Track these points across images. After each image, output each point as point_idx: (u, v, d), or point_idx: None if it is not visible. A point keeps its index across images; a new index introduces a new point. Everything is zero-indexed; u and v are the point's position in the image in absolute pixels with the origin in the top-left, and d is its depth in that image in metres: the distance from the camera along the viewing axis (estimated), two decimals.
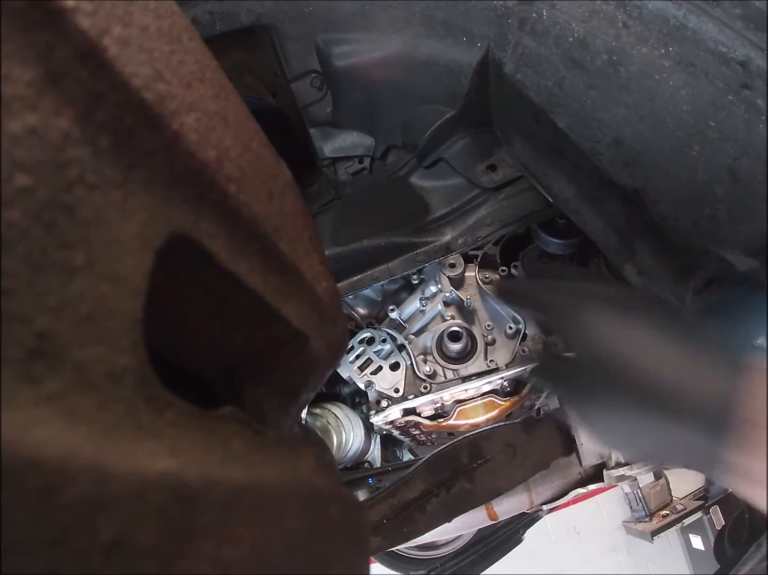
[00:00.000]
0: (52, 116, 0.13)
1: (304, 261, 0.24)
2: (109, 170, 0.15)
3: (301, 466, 0.24)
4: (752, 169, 0.37)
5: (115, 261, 0.14)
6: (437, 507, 0.77)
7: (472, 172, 0.63)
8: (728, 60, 0.37)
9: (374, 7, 0.52)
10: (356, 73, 0.57)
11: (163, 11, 0.18)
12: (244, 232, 0.20)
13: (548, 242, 0.75)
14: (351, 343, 0.98)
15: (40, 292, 0.12)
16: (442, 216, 0.68)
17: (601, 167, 0.45)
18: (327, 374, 0.30)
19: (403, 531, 0.77)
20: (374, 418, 0.97)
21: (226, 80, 0.21)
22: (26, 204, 0.12)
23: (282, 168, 0.25)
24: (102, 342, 0.14)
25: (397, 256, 0.69)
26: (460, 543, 1.44)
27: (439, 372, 0.95)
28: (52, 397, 0.12)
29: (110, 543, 0.12)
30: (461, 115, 0.57)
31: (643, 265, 0.49)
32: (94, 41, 0.14)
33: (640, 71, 0.40)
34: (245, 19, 0.57)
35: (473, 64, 0.50)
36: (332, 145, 0.70)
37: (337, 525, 0.24)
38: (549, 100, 0.45)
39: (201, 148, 0.17)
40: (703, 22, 0.38)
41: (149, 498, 0.13)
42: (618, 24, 0.41)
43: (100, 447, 0.12)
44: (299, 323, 0.24)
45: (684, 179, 0.40)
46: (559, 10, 0.43)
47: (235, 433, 0.19)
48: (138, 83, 0.15)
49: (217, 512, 0.15)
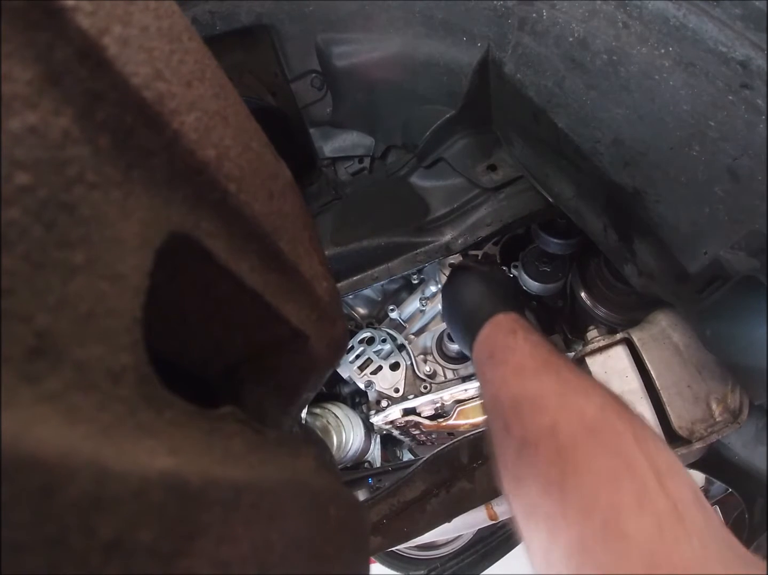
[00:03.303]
0: (52, 115, 0.13)
1: (304, 261, 0.24)
2: (109, 169, 0.15)
3: (301, 466, 0.24)
4: (752, 169, 0.37)
5: (114, 260, 0.14)
6: (437, 507, 0.77)
7: (472, 172, 0.63)
8: (728, 60, 0.37)
9: (374, 7, 0.52)
10: (356, 73, 0.57)
11: (163, 11, 0.18)
12: (244, 232, 0.20)
13: (548, 242, 0.75)
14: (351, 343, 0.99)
15: (39, 291, 0.12)
16: (442, 216, 0.68)
17: (601, 167, 0.45)
18: (327, 374, 0.30)
19: (403, 531, 0.77)
20: (374, 418, 0.97)
21: (226, 80, 0.21)
22: (26, 202, 0.12)
23: (282, 168, 0.25)
24: (102, 341, 0.14)
25: (397, 256, 0.69)
26: (460, 543, 1.44)
27: (439, 372, 0.96)
28: (51, 396, 0.12)
29: (110, 542, 0.12)
30: (461, 115, 0.57)
31: (643, 265, 0.49)
32: (94, 40, 0.14)
33: (640, 71, 0.40)
34: (245, 19, 0.57)
35: (473, 64, 0.50)
36: (332, 145, 0.70)
37: (337, 525, 0.24)
38: (549, 100, 0.45)
39: (201, 147, 0.17)
40: (703, 22, 0.38)
41: (149, 497, 0.13)
42: (618, 24, 0.41)
43: (99, 446, 0.12)
44: (299, 323, 0.24)
45: (684, 179, 0.40)
46: (559, 10, 0.43)
47: (235, 433, 0.19)
48: (138, 82, 0.15)
49: (216, 511, 0.15)
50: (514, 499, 0.44)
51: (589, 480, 0.38)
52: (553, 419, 0.43)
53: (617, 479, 0.37)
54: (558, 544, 0.37)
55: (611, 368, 0.62)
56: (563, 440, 0.41)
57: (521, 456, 0.43)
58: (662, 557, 0.32)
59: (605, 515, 0.35)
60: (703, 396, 0.58)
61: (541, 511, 0.39)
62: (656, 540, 0.33)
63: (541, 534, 0.39)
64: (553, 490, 0.39)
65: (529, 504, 0.41)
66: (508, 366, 0.52)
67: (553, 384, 0.46)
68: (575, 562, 0.35)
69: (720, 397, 0.58)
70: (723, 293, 0.41)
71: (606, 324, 0.73)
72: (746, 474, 0.66)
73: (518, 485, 0.43)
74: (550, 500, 0.39)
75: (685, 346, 0.59)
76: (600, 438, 0.40)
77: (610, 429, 0.41)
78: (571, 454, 0.40)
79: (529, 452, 0.42)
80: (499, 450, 0.47)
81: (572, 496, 0.38)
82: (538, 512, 0.40)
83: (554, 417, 0.43)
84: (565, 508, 0.37)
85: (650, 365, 0.59)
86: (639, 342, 0.61)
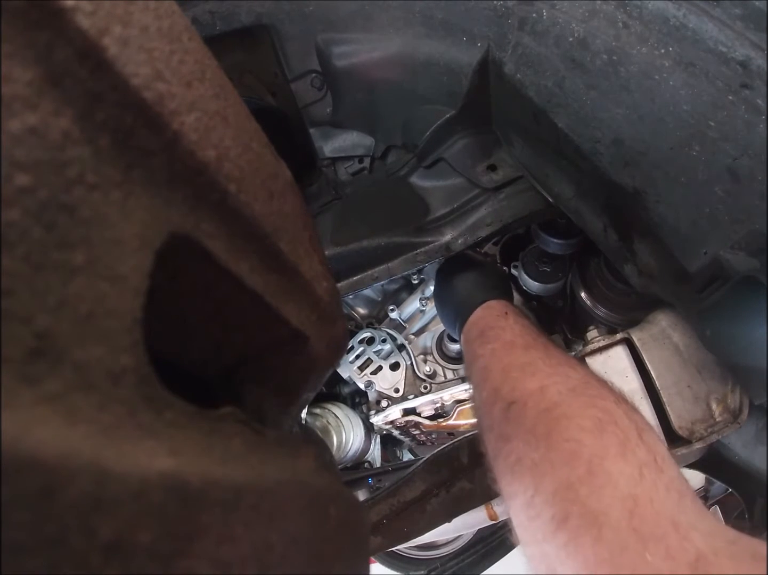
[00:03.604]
0: (52, 116, 0.13)
1: (304, 261, 0.24)
2: (109, 170, 0.15)
3: (301, 466, 0.24)
4: (752, 169, 0.37)
5: (114, 261, 0.14)
6: (437, 507, 0.77)
7: (472, 172, 0.63)
8: (728, 60, 0.37)
9: (374, 7, 0.52)
10: (356, 73, 0.57)
11: (163, 11, 0.18)
12: (244, 232, 0.20)
13: (548, 242, 0.75)
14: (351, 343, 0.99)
15: (39, 292, 0.12)
16: (442, 216, 0.68)
17: (601, 167, 0.45)
18: (327, 374, 0.30)
19: (403, 531, 0.77)
20: (374, 418, 0.97)
21: (226, 80, 0.21)
22: (26, 203, 0.12)
23: (282, 168, 0.25)
24: (102, 342, 0.14)
25: (397, 256, 0.69)
26: (460, 543, 1.44)
27: (439, 372, 0.96)
28: (51, 397, 0.12)
29: (110, 542, 0.12)
30: (461, 115, 0.56)
31: (643, 265, 0.49)
32: (93, 41, 0.14)
33: (640, 71, 0.40)
34: (245, 19, 0.57)
35: (473, 64, 0.50)
36: (332, 145, 0.70)
37: (337, 525, 0.24)
38: (549, 100, 0.45)
39: (201, 148, 0.17)
40: (703, 22, 0.38)
41: (149, 498, 0.13)
42: (618, 24, 0.41)
43: (99, 447, 0.12)
44: (299, 323, 0.24)
45: (684, 179, 0.40)
46: (559, 10, 0.43)
47: (235, 433, 0.19)
48: (138, 83, 0.15)
49: (216, 512, 0.15)
50: (499, 458, 0.46)
51: (576, 429, 0.40)
52: (541, 382, 0.46)
53: (602, 429, 0.39)
54: (543, 489, 0.39)
55: (611, 368, 0.62)
56: (551, 397, 0.44)
57: (509, 415, 0.45)
58: (643, 500, 0.34)
59: (591, 459, 0.37)
60: (703, 396, 0.58)
61: (527, 462, 0.41)
62: (638, 485, 0.35)
63: (525, 484, 0.41)
64: (540, 442, 0.41)
65: (515, 459, 0.43)
66: (498, 341, 0.55)
67: (542, 357, 0.50)
68: (560, 502, 0.37)
69: (720, 397, 0.58)
70: (723, 293, 0.41)
71: (606, 324, 0.73)
72: (746, 474, 0.66)
73: (504, 443, 0.45)
74: (537, 450, 0.41)
75: (685, 346, 0.59)
76: (585, 396, 0.43)
77: (594, 390, 0.44)
78: (558, 409, 0.42)
79: (517, 410, 0.45)
80: (486, 414, 0.50)
81: (559, 444, 0.40)
82: (524, 463, 0.42)
83: (543, 382, 0.46)
84: (552, 455, 0.40)
85: (650, 365, 0.59)
86: (639, 343, 0.61)
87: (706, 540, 0.31)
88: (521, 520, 0.41)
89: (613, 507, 0.34)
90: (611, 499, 0.35)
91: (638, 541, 0.32)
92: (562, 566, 0.35)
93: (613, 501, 0.35)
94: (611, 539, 0.33)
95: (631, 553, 0.32)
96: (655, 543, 0.32)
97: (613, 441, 0.38)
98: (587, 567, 0.33)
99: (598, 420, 0.40)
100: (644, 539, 0.32)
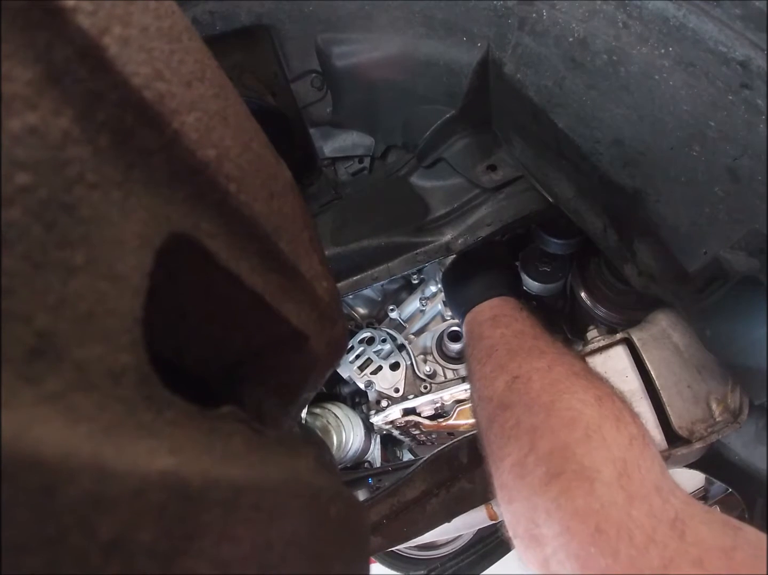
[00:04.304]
0: (52, 115, 0.13)
1: (304, 261, 0.24)
2: (109, 169, 0.15)
3: (300, 465, 0.24)
4: (752, 169, 0.37)
5: (114, 260, 0.14)
6: (437, 507, 0.77)
7: (472, 172, 0.63)
8: (728, 60, 0.37)
9: (374, 7, 0.52)
10: (356, 73, 0.57)
11: (163, 11, 0.18)
12: (244, 232, 0.20)
13: (548, 242, 0.75)
14: (351, 343, 0.99)
15: (40, 291, 0.12)
16: (442, 216, 0.68)
17: (601, 167, 0.45)
18: (327, 374, 0.30)
19: (403, 531, 0.77)
20: (374, 418, 0.97)
21: (226, 80, 0.21)
22: (26, 203, 0.12)
23: (282, 168, 0.25)
24: (102, 341, 0.14)
25: (397, 256, 0.69)
26: (460, 543, 1.44)
27: (439, 372, 0.96)
28: (52, 396, 0.12)
29: (110, 541, 0.12)
30: (461, 115, 0.57)
31: (643, 265, 0.49)
32: (94, 40, 0.14)
33: (640, 71, 0.40)
34: (245, 19, 0.57)
35: (473, 64, 0.50)
36: (332, 145, 0.70)
37: (337, 525, 0.24)
38: (549, 100, 0.45)
39: (201, 147, 0.17)
40: (703, 22, 0.38)
41: (149, 497, 0.13)
42: (618, 24, 0.41)
43: (99, 446, 0.12)
44: (299, 323, 0.24)
45: (684, 179, 0.40)
46: (559, 10, 0.43)
47: (234, 432, 0.19)
48: (138, 82, 0.15)
49: (216, 511, 0.15)
50: (495, 423, 0.49)
51: (577, 401, 0.44)
52: (548, 362, 0.50)
53: (601, 402, 0.44)
54: (539, 449, 0.42)
55: (611, 368, 0.62)
56: (556, 375, 0.48)
57: (513, 386, 0.49)
58: (632, 465, 0.38)
59: (588, 425, 0.42)
60: (703, 396, 0.58)
61: (527, 425, 0.45)
62: (628, 451, 0.40)
63: (521, 444, 0.44)
64: (541, 409, 0.45)
65: (513, 423, 0.46)
66: (509, 328, 0.59)
67: (550, 344, 0.55)
68: (556, 459, 0.40)
69: (720, 397, 0.58)
70: (723, 293, 0.41)
71: (606, 324, 0.73)
72: (746, 474, 0.66)
73: (504, 410, 0.48)
74: (538, 415, 0.44)
75: (685, 346, 0.59)
76: (586, 380, 0.48)
77: (595, 379, 0.50)
78: (562, 384, 0.47)
79: (521, 382, 0.49)
80: (487, 386, 0.53)
81: (560, 412, 0.44)
82: (522, 427, 0.45)
83: (550, 362, 0.50)
84: (552, 421, 0.43)
85: (650, 365, 0.59)
86: (639, 342, 0.61)
87: (684, 506, 0.36)
88: (505, 480, 0.44)
89: (605, 466, 0.38)
90: (604, 460, 0.39)
91: (626, 498, 0.36)
92: (547, 519, 0.38)
93: (606, 462, 0.39)
94: (602, 493, 0.37)
95: (619, 508, 0.36)
96: (640, 502, 0.36)
97: (609, 414, 0.43)
98: (576, 516, 0.37)
99: (597, 397, 0.45)
100: (631, 497, 0.36)
